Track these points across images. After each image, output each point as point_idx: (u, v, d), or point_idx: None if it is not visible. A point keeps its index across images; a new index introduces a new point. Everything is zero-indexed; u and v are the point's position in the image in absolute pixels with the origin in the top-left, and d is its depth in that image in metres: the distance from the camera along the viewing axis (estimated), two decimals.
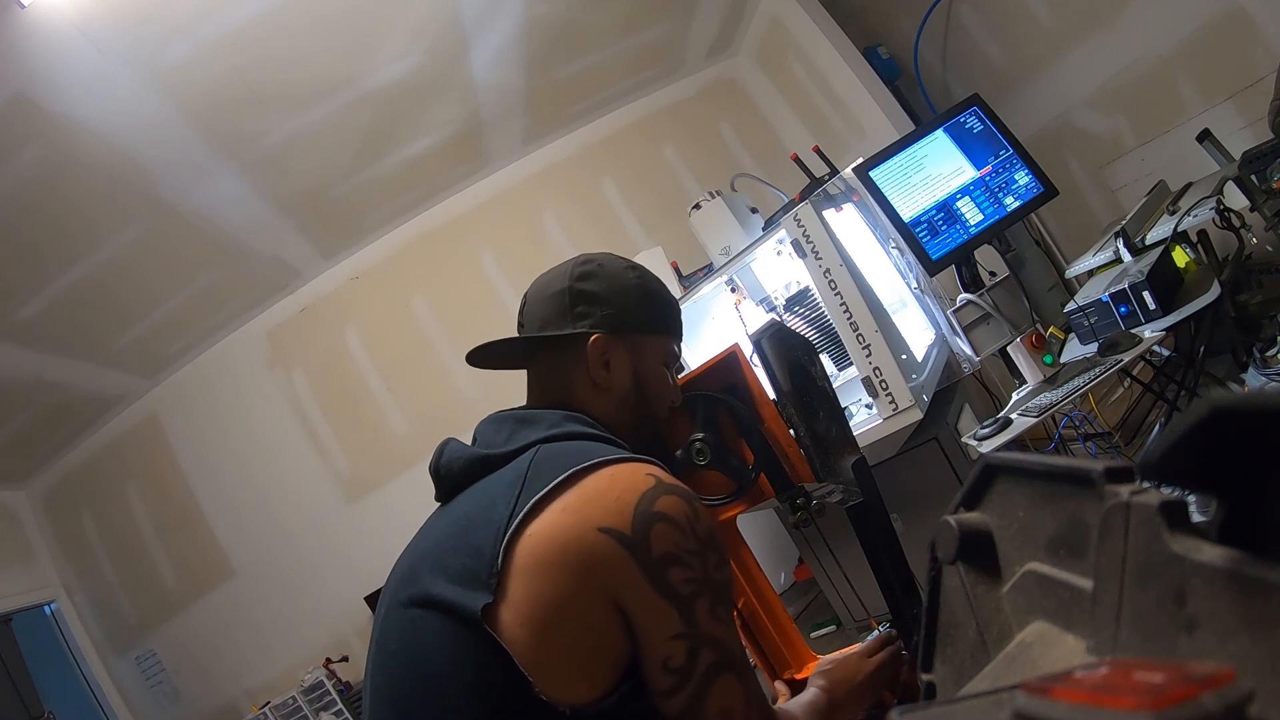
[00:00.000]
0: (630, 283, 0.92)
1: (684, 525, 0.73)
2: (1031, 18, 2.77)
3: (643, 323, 0.91)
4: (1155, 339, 1.67)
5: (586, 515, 0.72)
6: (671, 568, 0.72)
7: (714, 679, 0.72)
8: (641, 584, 0.71)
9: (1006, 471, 0.34)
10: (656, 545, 0.71)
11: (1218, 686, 0.19)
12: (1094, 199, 2.92)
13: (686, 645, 0.72)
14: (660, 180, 3.94)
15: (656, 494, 0.74)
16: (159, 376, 3.65)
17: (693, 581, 0.72)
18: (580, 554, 0.70)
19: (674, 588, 0.71)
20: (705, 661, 0.72)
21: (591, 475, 0.75)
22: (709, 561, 0.74)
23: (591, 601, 0.70)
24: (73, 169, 2.36)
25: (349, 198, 3.34)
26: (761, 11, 3.59)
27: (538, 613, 0.69)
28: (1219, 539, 0.24)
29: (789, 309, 2.29)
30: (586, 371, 0.89)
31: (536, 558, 0.71)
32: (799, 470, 1.00)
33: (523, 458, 0.80)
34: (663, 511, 0.73)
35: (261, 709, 3.27)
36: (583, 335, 0.87)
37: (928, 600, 0.39)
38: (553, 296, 0.90)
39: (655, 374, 0.93)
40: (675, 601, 0.71)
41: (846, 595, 2.61)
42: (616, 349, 0.89)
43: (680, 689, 0.72)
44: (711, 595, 0.74)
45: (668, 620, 0.71)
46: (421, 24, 2.69)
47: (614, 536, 0.71)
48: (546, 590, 0.70)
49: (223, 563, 3.60)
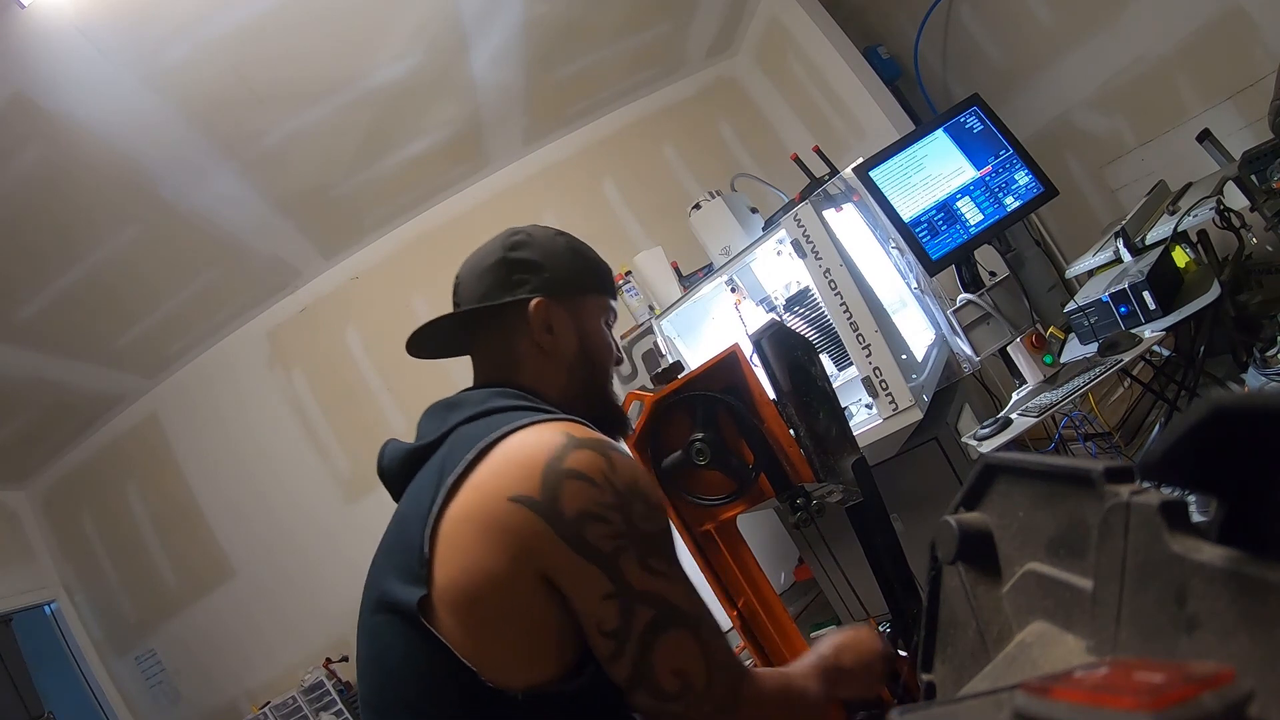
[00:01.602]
0: (562, 246, 0.93)
1: (598, 478, 0.69)
2: (1031, 18, 2.77)
3: (579, 283, 0.91)
4: (1155, 339, 1.67)
5: (495, 487, 0.69)
6: (589, 526, 0.67)
7: (657, 637, 0.68)
8: (560, 548, 0.67)
9: (1006, 471, 0.34)
10: (569, 505, 0.67)
11: (1218, 686, 0.19)
12: (1094, 199, 2.92)
13: (618, 605, 0.67)
14: (660, 180, 3.94)
15: (565, 451, 0.70)
16: (159, 376, 3.65)
17: (615, 536, 0.68)
18: (493, 529, 0.67)
19: (594, 546, 0.67)
20: (642, 620, 0.68)
21: (500, 445, 0.72)
22: (632, 512, 0.69)
23: (516, 577, 0.67)
24: (73, 169, 2.36)
25: (349, 198, 3.34)
26: (761, 11, 3.59)
27: (464, 597, 0.67)
28: (1219, 539, 0.24)
29: (789, 309, 2.29)
30: (531, 338, 0.87)
31: (453, 541, 0.69)
32: (799, 470, 1.00)
33: (445, 444, 0.78)
34: (572, 468, 0.69)
35: (261, 709, 3.27)
36: (523, 301, 0.87)
37: (928, 600, 0.39)
38: (488, 269, 0.90)
39: (597, 332, 0.93)
40: (598, 560, 0.67)
41: (846, 595, 2.61)
42: (557, 311, 0.88)
43: (620, 653, 0.68)
44: (640, 548, 0.69)
45: (594, 582, 0.67)
46: (421, 24, 2.69)
47: (524, 503, 0.67)
48: (468, 572, 0.67)
49: (223, 563, 3.60)
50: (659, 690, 0.69)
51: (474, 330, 0.92)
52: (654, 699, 0.69)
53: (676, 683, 0.69)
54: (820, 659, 0.86)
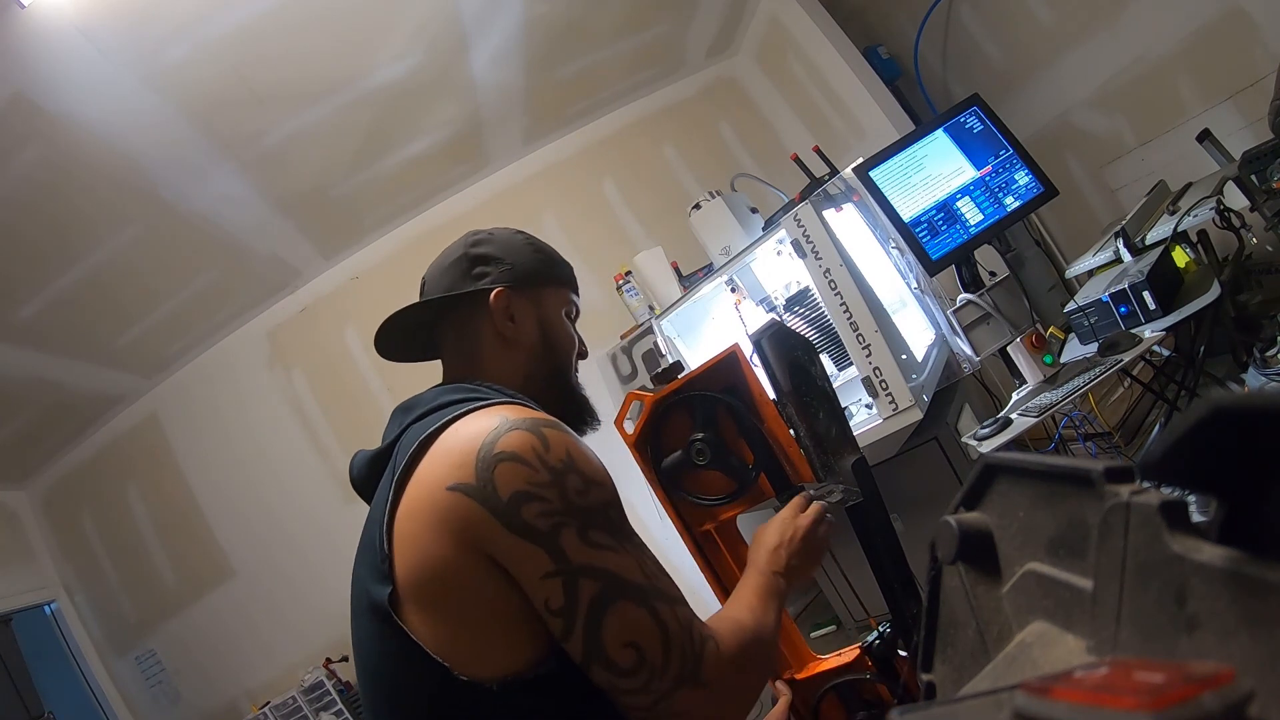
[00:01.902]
0: (521, 242, 0.95)
1: (530, 458, 0.69)
2: (1031, 18, 2.77)
3: (539, 276, 0.94)
4: (1155, 339, 1.67)
5: (435, 478, 0.70)
6: (524, 505, 0.67)
7: (604, 610, 0.67)
8: (499, 531, 0.67)
9: (1006, 471, 0.34)
10: (503, 487, 0.67)
11: (1218, 686, 0.19)
12: (1094, 199, 2.92)
13: (561, 582, 0.66)
14: (660, 180, 3.94)
15: (498, 435, 0.70)
16: (159, 376, 3.65)
17: (551, 514, 0.68)
18: (437, 520, 0.68)
19: (532, 526, 0.67)
20: (587, 594, 0.67)
21: (439, 437, 0.73)
22: (567, 487, 0.69)
23: (466, 566, 0.67)
24: (73, 169, 2.36)
25: (349, 198, 3.34)
26: (761, 11, 3.59)
27: (423, 591, 0.68)
28: (1219, 539, 0.24)
29: (789, 309, 2.29)
30: (493, 327, 0.89)
31: (406, 537, 0.69)
32: (799, 470, 1.00)
33: (399, 445, 0.79)
34: (504, 450, 0.69)
35: (261, 709, 3.27)
36: (485, 291, 0.89)
37: (928, 600, 0.39)
38: (451, 265, 0.93)
39: (559, 323, 0.95)
40: (537, 539, 0.67)
41: (846, 595, 2.61)
42: (519, 301, 0.91)
43: (570, 630, 0.67)
44: (580, 522, 0.69)
45: (536, 561, 0.67)
46: (421, 24, 2.69)
47: (461, 491, 0.68)
48: (422, 566, 0.68)
49: (223, 563, 3.60)
50: (613, 665, 0.67)
51: (439, 325, 0.93)
52: (610, 674, 0.67)
53: (631, 656, 0.67)
54: (761, 576, 0.85)
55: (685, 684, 0.68)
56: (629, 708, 0.69)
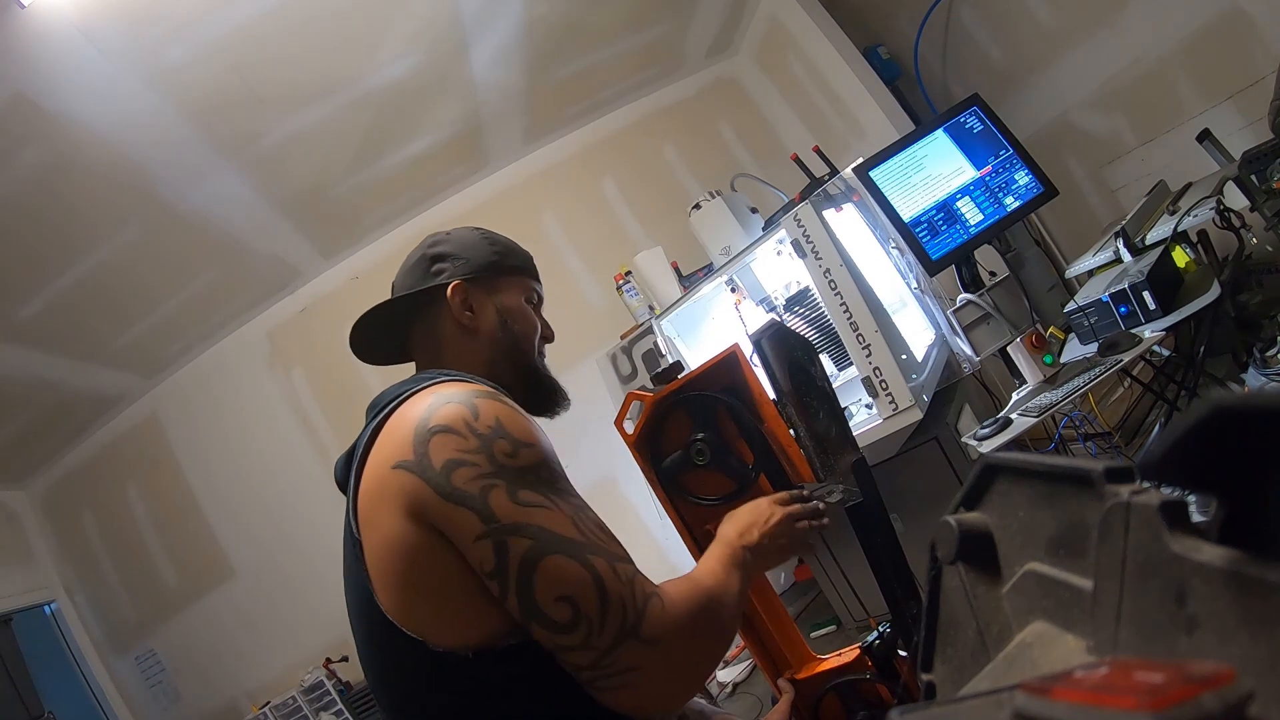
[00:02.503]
0: (477, 238, 1.00)
1: (460, 428, 0.71)
2: (1031, 18, 2.77)
3: (495, 266, 0.97)
4: (1155, 339, 1.67)
5: (382, 460, 0.73)
6: (455, 472, 0.69)
7: (535, 566, 0.66)
8: (435, 500, 0.68)
9: (1006, 471, 0.34)
10: (436, 458, 0.69)
11: (1218, 686, 0.19)
12: (1094, 199, 2.92)
13: (492, 543, 0.67)
14: (660, 180, 3.94)
15: (433, 410, 0.73)
16: (159, 376, 3.65)
17: (480, 477, 0.69)
18: (387, 499, 0.70)
19: (462, 491, 0.68)
20: (517, 552, 0.67)
21: (386, 423, 0.76)
22: (495, 451, 0.70)
23: (417, 540, 0.69)
24: (72, 169, 2.36)
25: (348, 198, 3.34)
26: (761, 11, 3.59)
27: (388, 571, 0.70)
28: (1219, 539, 0.24)
29: (789, 309, 2.29)
30: (454, 319, 0.92)
31: (367, 521, 0.73)
32: (799, 470, 1.00)
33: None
34: (438, 424, 0.71)
35: (261, 709, 3.27)
36: (442, 286, 0.93)
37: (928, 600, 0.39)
38: (413, 267, 0.98)
39: (519, 309, 0.97)
40: (468, 503, 0.68)
41: (846, 595, 2.61)
42: (476, 292, 0.94)
43: (505, 590, 0.67)
44: (510, 483, 0.69)
45: (468, 525, 0.67)
46: (421, 24, 2.69)
47: (403, 468, 0.70)
48: (382, 546, 0.71)
49: (223, 563, 3.60)
50: (550, 622, 0.66)
51: (408, 324, 0.97)
52: (549, 632, 0.67)
53: (566, 610, 0.66)
54: (728, 547, 0.85)
55: (627, 639, 0.67)
56: (575, 669, 0.68)
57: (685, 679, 0.72)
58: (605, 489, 3.39)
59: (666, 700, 0.71)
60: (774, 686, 1.07)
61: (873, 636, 1.03)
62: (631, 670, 0.67)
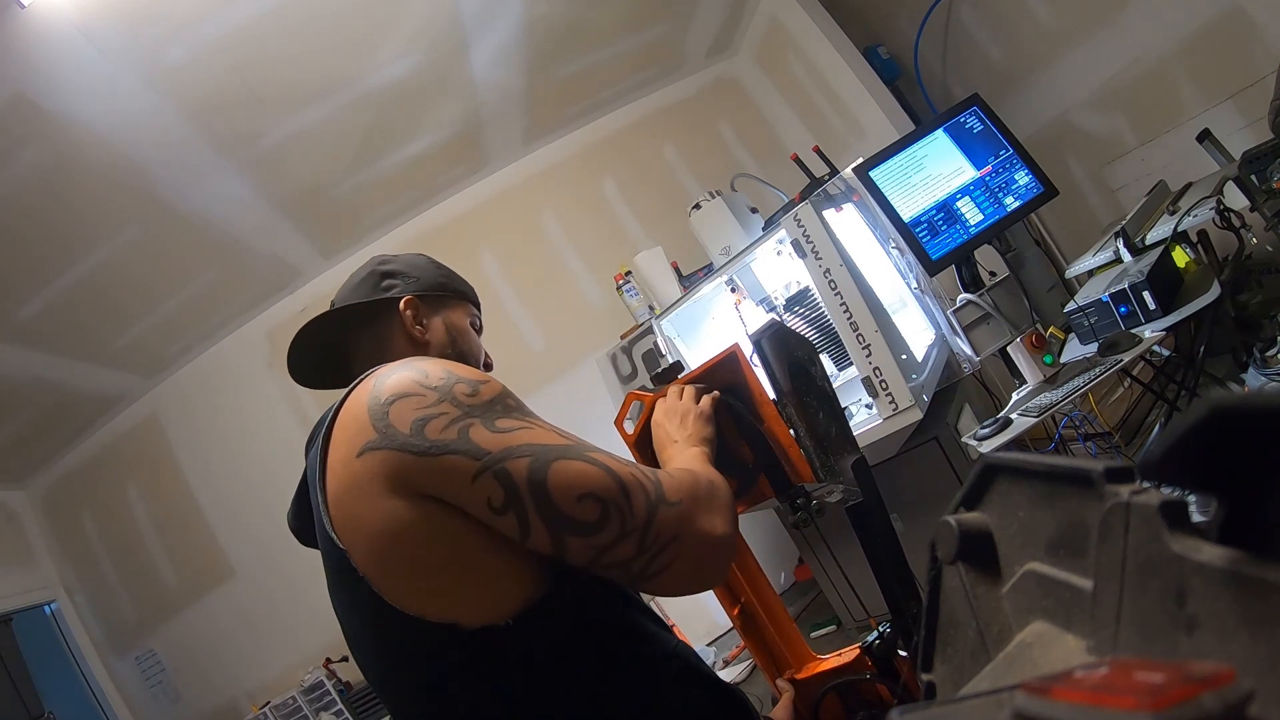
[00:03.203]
0: (425, 262, 1.01)
1: (414, 389, 0.69)
2: (1031, 18, 2.77)
3: (443, 288, 0.99)
4: (1155, 339, 1.67)
5: (344, 458, 0.69)
6: (426, 427, 0.66)
7: (544, 477, 0.65)
8: (415, 462, 0.65)
9: (1006, 471, 0.34)
10: (400, 424, 0.67)
11: (1218, 686, 0.19)
12: (1094, 199, 2.92)
13: (491, 474, 0.64)
14: (660, 180, 3.94)
15: (379, 388, 0.71)
16: (159, 376, 3.66)
17: (453, 423, 0.67)
18: (363, 490, 0.67)
19: (440, 442, 0.66)
20: (520, 473, 0.65)
21: (337, 421, 0.73)
22: (457, 394, 0.69)
23: (411, 516, 0.65)
24: (72, 169, 2.37)
25: (348, 198, 3.35)
26: (761, 11, 3.59)
27: (389, 566, 0.67)
28: (1219, 539, 0.24)
29: (789, 309, 2.29)
30: (405, 333, 0.92)
31: (343, 526, 0.69)
32: (799, 470, 1.00)
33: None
34: (391, 394, 0.69)
35: (261, 709, 3.27)
36: (394, 300, 0.93)
37: (928, 600, 0.39)
38: (360, 283, 0.98)
39: (465, 329, 0.99)
40: (451, 449, 0.65)
41: (846, 595, 2.61)
42: (426, 310, 0.95)
43: (525, 518, 0.64)
44: (482, 418, 0.68)
45: (460, 469, 0.65)
46: (421, 24, 2.69)
47: (369, 449, 0.67)
48: (374, 540, 0.66)
49: (222, 563, 3.60)
50: (582, 524, 0.65)
51: (351, 339, 0.95)
52: (585, 537, 0.65)
53: (593, 506, 0.65)
54: (675, 445, 0.88)
55: (658, 508, 0.67)
56: (623, 567, 0.66)
57: (720, 531, 0.72)
58: None
59: (713, 558, 0.72)
60: (772, 687, 1.07)
61: (873, 636, 1.03)
62: (674, 539, 0.68)
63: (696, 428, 0.90)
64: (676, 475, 0.73)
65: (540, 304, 3.79)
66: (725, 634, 3.46)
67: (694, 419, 0.91)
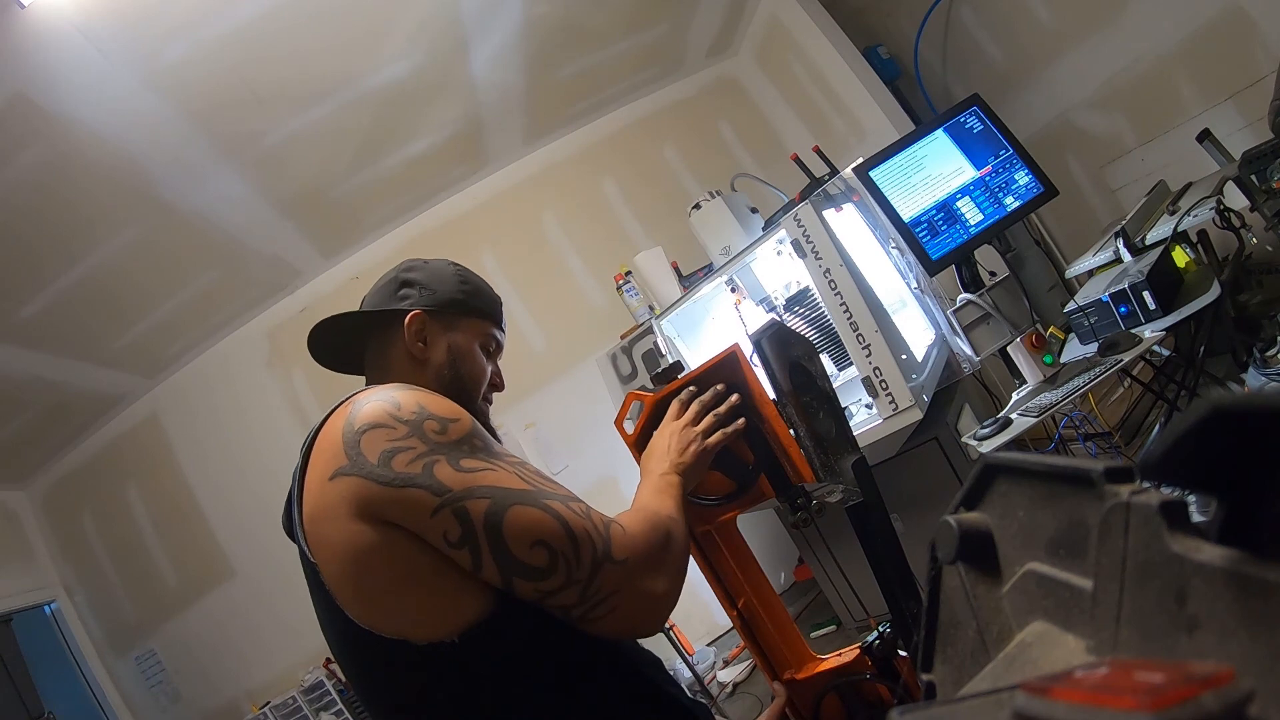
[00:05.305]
0: (451, 273, 0.99)
1: (386, 420, 0.72)
2: (1031, 18, 2.77)
3: (459, 305, 0.97)
4: (1155, 339, 1.67)
5: (318, 478, 0.73)
6: (393, 460, 0.70)
7: (500, 520, 0.68)
8: (381, 492, 0.68)
9: (1006, 471, 0.34)
10: (371, 453, 0.70)
11: (1218, 686, 0.19)
12: (1094, 199, 2.92)
13: (450, 511, 0.68)
14: (660, 180, 3.94)
15: (355, 414, 0.74)
16: (159, 377, 3.65)
17: (419, 457, 0.70)
18: (331, 513, 0.70)
19: (406, 474, 0.69)
20: (478, 513, 0.68)
21: (314, 444, 0.76)
22: (426, 431, 0.72)
23: (372, 541, 0.69)
24: (72, 169, 2.37)
25: (349, 198, 3.35)
26: (761, 11, 3.59)
27: (350, 583, 0.70)
28: (1219, 539, 0.24)
29: (789, 309, 2.29)
30: (405, 346, 0.93)
31: (314, 543, 0.72)
32: (799, 470, 0.99)
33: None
34: (364, 424, 0.72)
35: (261, 709, 3.27)
36: (402, 311, 0.93)
37: (928, 600, 0.39)
38: (382, 287, 0.98)
39: (470, 353, 0.97)
40: (415, 483, 0.68)
41: (846, 595, 2.61)
42: (433, 326, 0.95)
43: (478, 555, 0.68)
44: (448, 455, 0.71)
45: (421, 503, 0.68)
46: (421, 24, 2.69)
47: (341, 474, 0.70)
48: (339, 558, 0.70)
49: (222, 563, 3.60)
50: (530, 570, 0.68)
51: (365, 339, 0.98)
52: (532, 581, 0.68)
53: (542, 554, 0.69)
54: (651, 477, 0.89)
55: (603, 564, 0.71)
56: (564, 610, 0.70)
57: (661, 591, 0.75)
58: (605, 489, 3.39)
59: (650, 614, 0.75)
60: (772, 687, 1.07)
61: (873, 636, 1.03)
62: (614, 593, 0.71)
63: (688, 459, 0.91)
64: (632, 526, 0.76)
65: (540, 304, 3.79)
66: (725, 634, 3.46)
67: (671, 456, 0.91)
